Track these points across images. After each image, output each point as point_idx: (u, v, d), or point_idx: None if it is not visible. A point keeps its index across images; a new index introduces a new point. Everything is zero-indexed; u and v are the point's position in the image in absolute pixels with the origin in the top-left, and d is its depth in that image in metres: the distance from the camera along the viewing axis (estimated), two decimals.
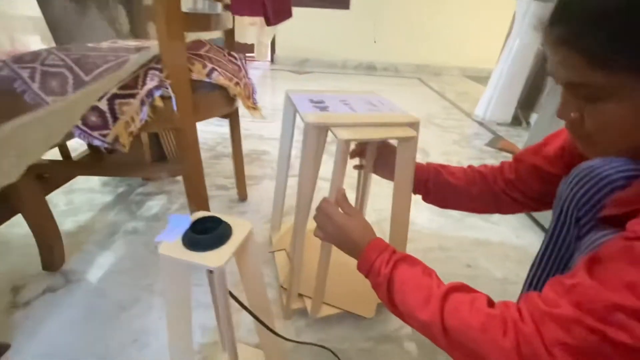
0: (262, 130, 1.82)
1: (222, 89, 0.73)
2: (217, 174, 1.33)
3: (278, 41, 3.62)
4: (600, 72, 0.33)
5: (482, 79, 3.64)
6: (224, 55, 0.85)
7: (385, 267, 0.46)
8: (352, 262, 0.52)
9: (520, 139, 1.98)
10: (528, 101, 2.21)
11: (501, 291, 0.88)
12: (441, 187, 0.66)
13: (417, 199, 0.77)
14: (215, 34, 0.93)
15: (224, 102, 0.77)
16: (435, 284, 0.42)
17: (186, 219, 0.42)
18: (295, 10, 1.04)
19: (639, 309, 0.28)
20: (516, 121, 2.22)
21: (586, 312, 0.30)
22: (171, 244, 0.40)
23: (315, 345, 0.66)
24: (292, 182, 1.28)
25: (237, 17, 0.93)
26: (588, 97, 0.36)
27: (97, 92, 0.50)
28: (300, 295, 0.75)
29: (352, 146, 0.72)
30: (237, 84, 0.78)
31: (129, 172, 0.83)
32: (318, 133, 0.56)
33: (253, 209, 1.13)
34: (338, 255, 0.59)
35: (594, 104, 0.36)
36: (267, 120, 1.97)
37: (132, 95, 0.59)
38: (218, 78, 0.70)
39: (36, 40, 1.23)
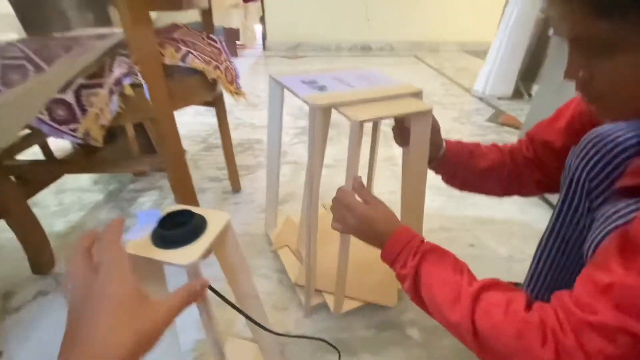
0: (254, 118, 1.77)
1: (199, 73, 0.69)
2: (209, 165, 1.30)
3: (268, 27, 3.51)
4: (606, 21, 0.30)
5: (481, 53, 3.51)
6: (202, 39, 0.80)
7: (413, 259, 0.42)
8: (365, 251, 0.48)
9: (523, 112, 1.91)
10: (529, 72, 2.13)
11: (507, 269, 0.85)
12: (471, 171, 0.62)
13: None
14: (192, 17, 0.87)
15: (204, 88, 0.72)
16: (466, 281, 0.39)
17: (155, 214, 0.38)
18: None
19: None
20: (518, 94, 2.15)
21: (629, 315, 0.27)
22: (140, 242, 0.37)
23: (311, 338, 0.64)
24: (284, 170, 1.24)
25: None
26: (595, 51, 0.32)
27: (56, 80, 0.46)
28: (317, 290, 0.72)
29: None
30: (216, 67, 0.73)
31: (110, 168, 0.80)
32: (323, 115, 0.51)
33: (247, 199, 1.10)
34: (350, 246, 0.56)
35: (603, 59, 0.32)
36: (259, 108, 1.92)
37: (100, 85, 0.55)
38: (194, 61, 0.65)
39: (13, 38, 1.18)
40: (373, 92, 0.56)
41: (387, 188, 1.16)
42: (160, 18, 0.79)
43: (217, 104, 0.92)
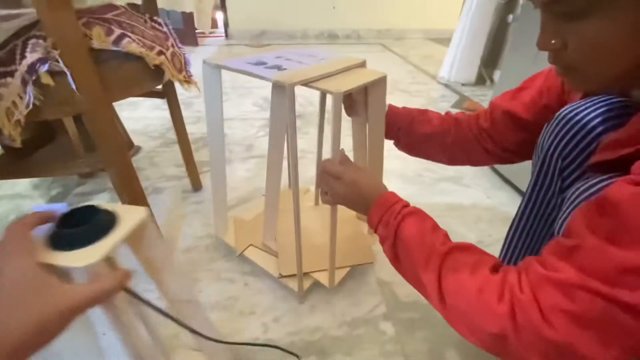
0: None
1: (139, 59, 0.61)
2: (168, 162, 1.20)
3: (231, 14, 3.34)
4: None
5: (445, 40, 3.57)
6: (145, 22, 0.72)
7: (394, 220, 0.43)
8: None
9: (485, 98, 1.95)
10: (491, 58, 2.18)
11: None
12: (413, 135, 0.63)
13: (385, 171, 0.71)
14: None
15: (145, 76, 0.64)
16: (440, 241, 0.39)
17: (60, 208, 0.32)
18: None
19: None
20: (481, 80, 2.19)
21: (592, 276, 0.26)
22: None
23: (262, 345, 0.59)
24: (249, 165, 1.17)
25: None
26: (567, 16, 0.30)
27: None
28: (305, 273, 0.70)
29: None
30: (160, 52, 0.65)
31: (43, 170, 0.70)
32: (291, 95, 0.49)
33: (209, 197, 1.02)
34: (309, 223, 0.58)
35: (575, 24, 0.30)
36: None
37: (10, 74, 0.46)
38: (129, 45, 0.57)
39: None
40: (329, 67, 0.56)
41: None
42: None
43: (167, 94, 0.83)
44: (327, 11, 3.46)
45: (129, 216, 0.34)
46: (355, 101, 0.61)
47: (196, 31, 3.05)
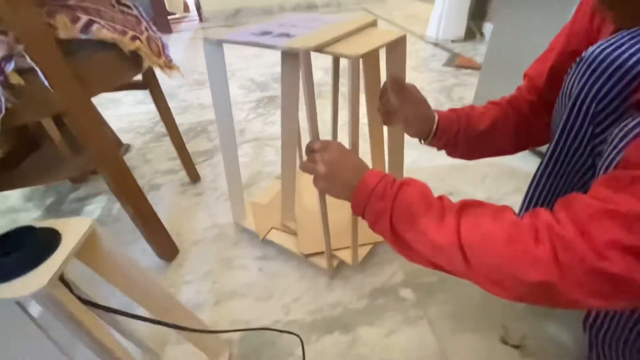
0: (201, 98, 1.61)
1: (113, 46, 0.56)
2: (160, 157, 1.16)
3: None
4: None
5: None
6: (112, 5, 0.66)
7: (391, 188, 0.39)
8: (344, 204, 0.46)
9: (477, 52, 1.89)
10: (479, 11, 2.09)
11: None
12: (475, 134, 0.56)
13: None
14: None
15: (123, 65, 0.59)
16: (447, 201, 0.37)
17: None
18: None
19: None
20: (470, 34, 2.12)
21: None
22: None
23: (256, 329, 0.59)
24: (245, 150, 1.14)
25: None
26: None
27: None
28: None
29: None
30: (134, 37, 0.60)
31: (29, 180, 0.66)
32: (307, 62, 0.45)
33: (209, 187, 1.00)
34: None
35: None
36: (206, 86, 1.74)
37: None
38: (100, 32, 0.52)
39: None
40: (340, 29, 0.50)
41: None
42: None
43: (149, 84, 0.78)
44: None
45: (73, 229, 0.32)
46: (394, 106, 0.55)
47: (168, 17, 2.89)
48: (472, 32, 2.12)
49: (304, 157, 0.51)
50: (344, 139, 0.53)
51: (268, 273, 0.72)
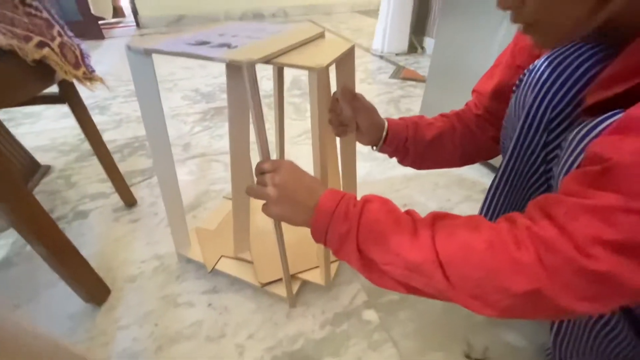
0: (139, 110, 1.46)
1: (12, 55, 0.46)
2: (89, 179, 1.02)
3: (138, 0, 2.95)
4: None
5: (371, 12, 3.59)
6: (14, 7, 0.55)
7: (354, 207, 0.36)
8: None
9: (420, 65, 2.00)
10: (419, 26, 2.22)
11: None
12: (422, 142, 0.57)
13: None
14: None
15: (27, 76, 0.49)
16: (417, 215, 0.35)
17: None
18: None
19: None
20: (412, 48, 2.24)
21: (634, 196, 0.23)
22: None
23: None
24: (190, 167, 1.06)
25: None
26: None
27: None
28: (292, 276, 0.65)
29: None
30: (41, 44, 0.50)
31: None
32: (252, 75, 0.40)
33: (147, 212, 0.89)
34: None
35: None
36: None
37: None
38: None
39: None
40: (288, 39, 0.47)
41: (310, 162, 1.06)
42: None
43: (67, 97, 0.67)
44: None
45: None
46: (346, 116, 0.54)
47: (100, 22, 2.63)
48: (414, 46, 2.24)
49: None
50: (292, 154, 0.49)
51: (218, 308, 0.64)
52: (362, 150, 1.20)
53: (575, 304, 0.25)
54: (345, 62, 0.51)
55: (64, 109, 1.46)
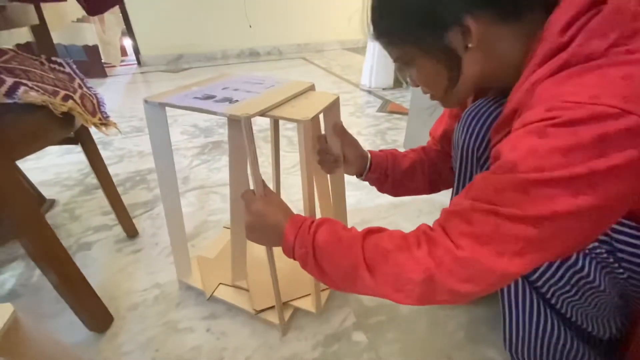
0: (140, 145, 1.54)
1: (42, 108, 0.53)
2: (92, 212, 1.07)
3: (139, 40, 3.13)
4: (395, 47, 0.45)
5: (360, 49, 3.83)
6: (41, 63, 0.64)
7: (308, 233, 0.44)
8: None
9: (405, 99, 2.14)
10: None
11: None
12: (399, 172, 0.67)
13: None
14: (22, 37, 0.68)
15: (52, 126, 0.56)
16: (354, 232, 0.44)
17: None
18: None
19: (520, 182, 0.30)
20: (397, 83, 2.39)
21: (480, 200, 0.33)
22: None
23: None
24: (189, 199, 1.11)
25: (50, 8, 0.70)
26: (405, 65, 0.46)
27: None
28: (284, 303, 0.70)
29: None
30: (67, 97, 0.58)
31: None
32: (248, 128, 0.48)
33: (149, 243, 0.94)
34: (276, 250, 0.55)
35: (411, 70, 0.46)
36: (145, 132, 1.68)
37: None
38: (27, 95, 0.50)
39: None
40: (281, 94, 0.56)
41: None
42: None
43: (81, 140, 0.74)
44: (244, 30, 3.45)
45: None
46: (336, 153, 0.62)
47: (103, 61, 2.79)
48: (399, 81, 2.40)
49: None
50: (286, 183, 0.56)
51: (217, 333, 0.68)
52: (351, 180, 1.27)
53: (461, 286, 0.34)
54: (331, 109, 0.59)
55: (67, 146, 1.54)
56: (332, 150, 0.62)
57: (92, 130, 0.74)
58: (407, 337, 0.67)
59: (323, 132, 0.62)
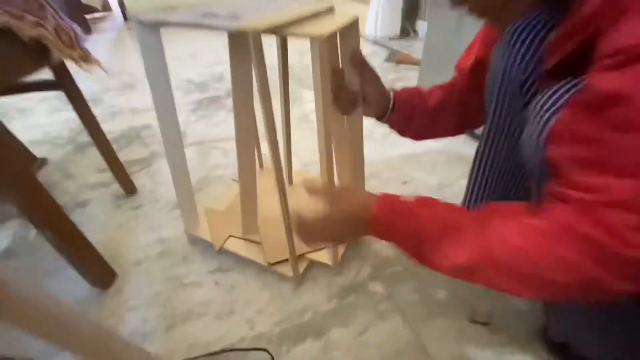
0: (132, 102, 1.45)
1: (8, 34, 0.45)
2: (87, 170, 1.01)
3: None
4: None
5: None
6: None
7: (407, 220, 0.37)
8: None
9: (413, 49, 1.99)
10: (411, 10, 2.21)
11: (440, 196, 0.87)
12: (427, 111, 0.57)
13: None
14: None
15: (23, 55, 0.48)
16: (467, 217, 0.36)
17: None
18: None
19: None
20: (405, 32, 2.22)
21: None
22: None
23: (209, 355, 0.54)
24: (188, 155, 1.06)
25: None
26: None
27: None
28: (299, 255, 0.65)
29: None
30: (37, 24, 0.49)
31: None
32: (258, 44, 0.41)
33: (149, 199, 0.89)
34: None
35: None
36: (137, 89, 1.58)
37: None
38: None
39: None
40: (295, 12, 0.46)
41: (310, 147, 1.07)
42: None
43: (62, 82, 0.66)
44: None
45: None
46: (354, 89, 0.53)
47: (86, 16, 2.58)
48: (407, 30, 2.23)
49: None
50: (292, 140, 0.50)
51: (226, 286, 0.65)
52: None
53: (629, 287, 0.26)
54: (349, 34, 0.50)
55: (54, 103, 1.44)
56: (350, 87, 0.53)
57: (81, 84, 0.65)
58: (426, 286, 0.64)
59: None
